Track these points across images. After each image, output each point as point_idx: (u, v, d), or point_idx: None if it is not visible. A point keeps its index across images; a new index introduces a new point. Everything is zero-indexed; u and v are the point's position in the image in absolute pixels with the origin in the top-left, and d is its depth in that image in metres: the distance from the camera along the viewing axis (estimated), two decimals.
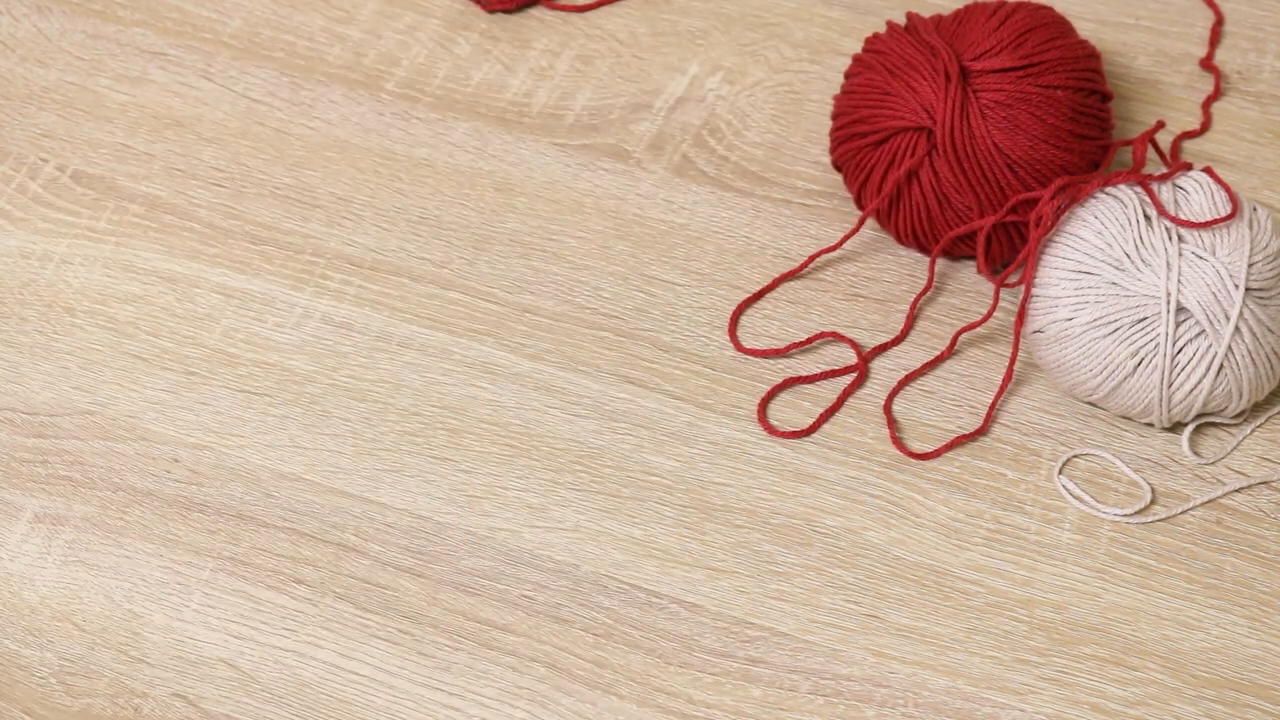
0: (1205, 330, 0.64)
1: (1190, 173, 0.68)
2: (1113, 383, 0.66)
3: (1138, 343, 0.65)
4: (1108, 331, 0.65)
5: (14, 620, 0.67)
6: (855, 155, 0.71)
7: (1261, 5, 0.80)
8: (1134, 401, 0.66)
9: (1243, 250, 0.65)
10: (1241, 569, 0.65)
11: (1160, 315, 0.64)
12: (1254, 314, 0.64)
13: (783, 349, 0.71)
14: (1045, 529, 0.66)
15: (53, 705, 0.66)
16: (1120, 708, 0.62)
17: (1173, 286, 0.64)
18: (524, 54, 0.82)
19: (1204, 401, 0.66)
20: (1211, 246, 0.65)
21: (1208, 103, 0.77)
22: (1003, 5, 0.72)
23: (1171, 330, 0.64)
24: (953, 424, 0.69)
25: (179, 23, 0.84)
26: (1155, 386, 0.65)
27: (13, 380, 0.73)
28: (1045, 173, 0.69)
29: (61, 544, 0.69)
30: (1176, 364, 0.65)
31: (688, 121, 0.78)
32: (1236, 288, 0.64)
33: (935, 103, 0.69)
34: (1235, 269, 0.65)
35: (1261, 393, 0.67)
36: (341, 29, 0.83)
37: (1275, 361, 0.66)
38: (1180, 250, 0.65)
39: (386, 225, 0.76)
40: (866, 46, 0.73)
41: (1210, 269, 0.64)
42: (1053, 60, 0.70)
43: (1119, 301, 0.65)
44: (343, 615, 0.66)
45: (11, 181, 0.79)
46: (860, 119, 0.71)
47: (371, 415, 0.71)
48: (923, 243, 0.72)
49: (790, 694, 0.63)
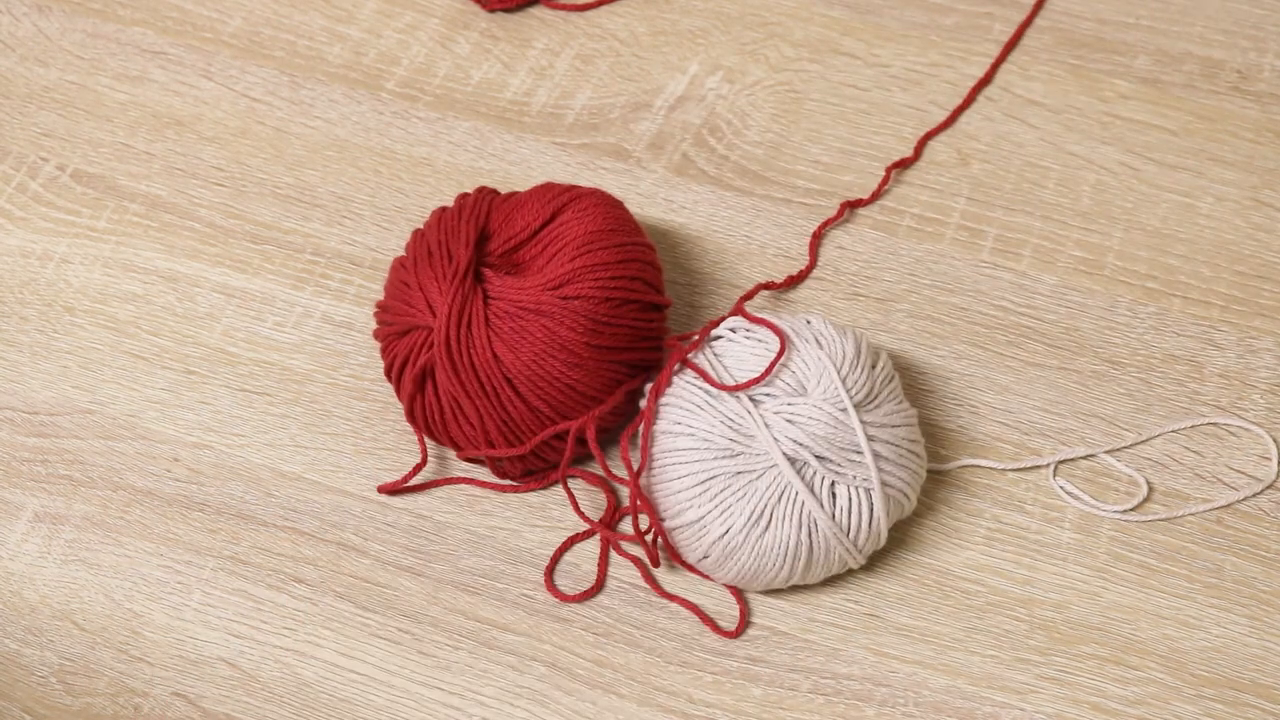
0: (841, 465, 0.61)
1: (723, 325, 0.65)
2: (801, 559, 0.62)
3: (793, 516, 0.61)
4: (764, 524, 0.61)
5: (14, 619, 0.67)
6: (386, 341, 0.67)
7: (1262, 5, 0.80)
8: (826, 564, 0.63)
9: (828, 374, 0.62)
10: (1241, 568, 0.65)
11: (794, 480, 0.61)
12: (875, 425, 0.62)
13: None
14: (1045, 528, 0.66)
15: (53, 704, 0.66)
16: (1120, 707, 0.62)
17: (785, 445, 0.61)
18: (524, 53, 0.82)
19: (887, 519, 0.63)
20: (799, 386, 0.62)
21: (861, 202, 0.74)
22: (560, 195, 0.67)
23: (816, 483, 0.61)
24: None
25: (179, 22, 0.84)
26: (835, 541, 0.62)
27: (13, 380, 0.73)
28: (551, 391, 0.63)
29: (61, 543, 0.69)
30: (840, 509, 0.62)
31: (688, 121, 0.78)
32: (844, 411, 0.61)
33: (438, 303, 0.64)
34: (833, 397, 0.62)
35: (917, 487, 0.64)
36: (341, 28, 0.83)
37: (917, 455, 0.64)
38: (765, 408, 0.62)
39: (386, 225, 0.76)
40: (424, 225, 0.68)
41: (811, 409, 0.61)
42: (584, 267, 0.64)
43: (754, 486, 0.61)
44: (343, 614, 0.66)
45: (11, 181, 0.79)
46: (385, 306, 0.67)
47: (371, 415, 0.71)
48: (444, 444, 0.67)
49: (790, 693, 0.63)
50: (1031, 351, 0.71)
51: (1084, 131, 0.77)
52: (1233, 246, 0.73)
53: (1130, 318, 0.71)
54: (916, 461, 0.63)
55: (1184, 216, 0.74)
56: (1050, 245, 0.74)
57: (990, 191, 0.76)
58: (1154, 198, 0.75)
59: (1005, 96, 0.79)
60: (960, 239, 0.74)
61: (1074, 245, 0.74)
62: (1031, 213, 0.75)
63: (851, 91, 0.79)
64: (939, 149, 0.77)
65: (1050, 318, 0.72)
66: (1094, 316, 0.72)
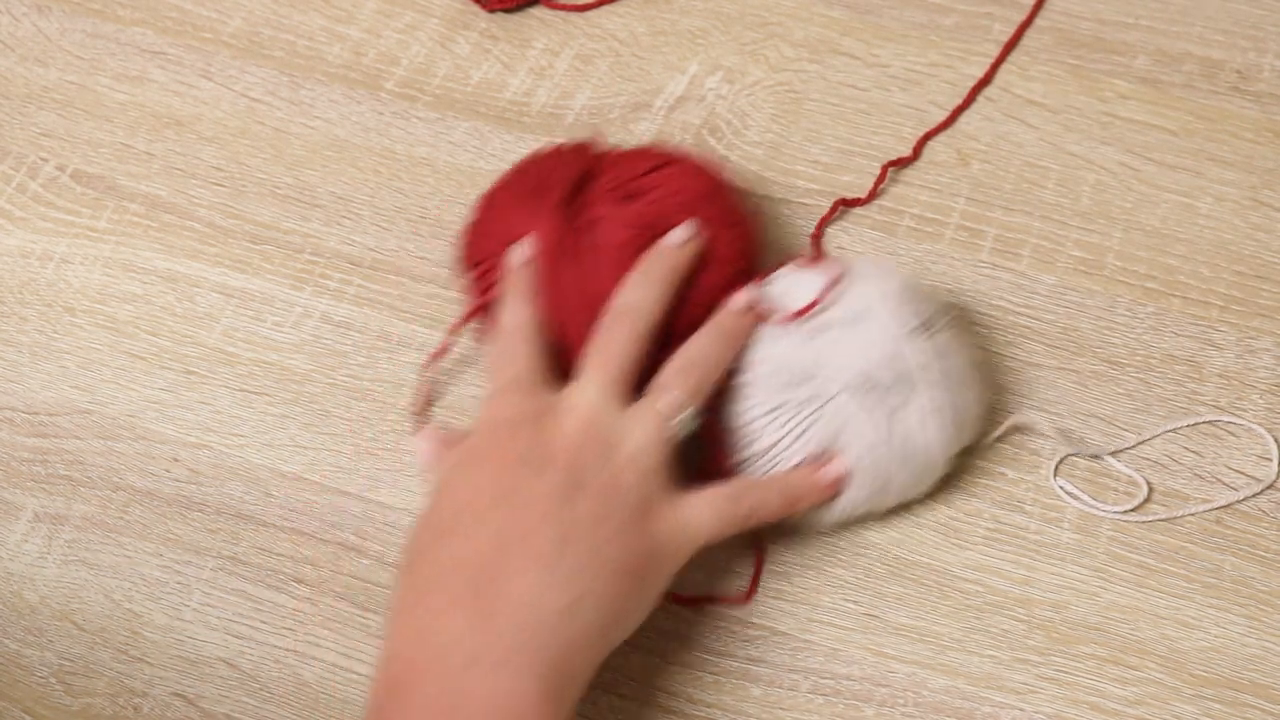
0: (903, 391, 0.62)
1: (779, 273, 0.66)
2: (866, 487, 0.63)
3: (858, 443, 0.62)
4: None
5: (14, 620, 0.67)
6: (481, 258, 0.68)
7: (1262, 5, 0.80)
8: (890, 491, 0.64)
9: (886, 303, 0.63)
10: (1240, 568, 0.65)
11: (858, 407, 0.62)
12: (935, 353, 0.63)
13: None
14: (1044, 528, 0.66)
15: (53, 705, 0.66)
16: (1119, 707, 0.62)
17: (849, 372, 0.62)
18: (524, 53, 0.82)
19: (948, 445, 0.63)
20: (859, 315, 0.63)
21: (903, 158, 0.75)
22: (667, 153, 0.68)
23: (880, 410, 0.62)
24: None
25: (179, 22, 0.84)
26: (899, 467, 0.63)
27: (13, 380, 0.73)
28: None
29: (61, 543, 0.69)
30: (903, 435, 0.62)
31: (688, 121, 0.78)
32: (905, 338, 0.62)
33: (542, 225, 0.65)
34: (892, 324, 0.62)
35: (977, 416, 0.65)
36: (341, 28, 0.83)
37: (977, 383, 0.64)
38: (827, 337, 0.62)
39: (386, 225, 0.76)
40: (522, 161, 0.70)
41: (872, 336, 0.62)
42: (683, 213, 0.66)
43: (821, 414, 0.62)
44: (343, 615, 0.66)
45: (11, 181, 0.79)
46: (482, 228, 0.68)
47: (371, 415, 0.71)
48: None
49: (790, 693, 0.63)
50: (1030, 352, 0.71)
51: (1083, 131, 0.77)
52: (1232, 246, 0.73)
53: (1129, 318, 0.72)
54: (976, 390, 0.64)
55: (1183, 216, 0.74)
56: (1049, 245, 0.74)
57: (989, 191, 0.76)
58: (1153, 198, 0.75)
59: (1005, 96, 0.79)
60: (960, 239, 0.74)
61: (1073, 245, 0.74)
62: (1031, 213, 0.75)
63: (851, 92, 0.79)
64: (938, 149, 0.77)
65: (1049, 318, 0.72)
66: (1093, 316, 0.72)
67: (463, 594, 0.55)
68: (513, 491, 0.57)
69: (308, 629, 0.66)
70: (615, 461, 0.58)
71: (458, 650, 0.54)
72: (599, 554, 0.56)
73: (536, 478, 0.57)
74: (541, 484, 0.57)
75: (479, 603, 0.54)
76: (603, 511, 0.57)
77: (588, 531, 0.56)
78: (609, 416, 0.60)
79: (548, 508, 0.56)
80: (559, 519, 0.56)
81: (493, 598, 0.54)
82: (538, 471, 0.57)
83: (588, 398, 0.60)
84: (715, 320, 0.64)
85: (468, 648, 0.54)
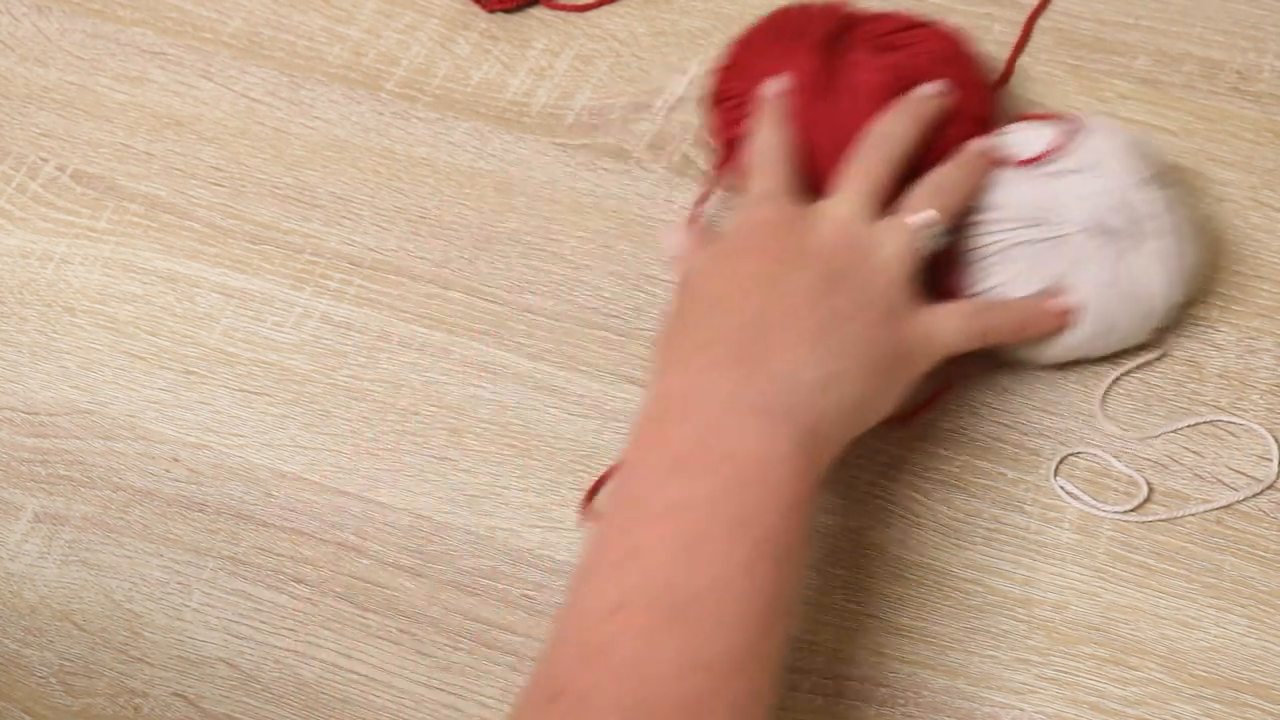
0: (1135, 237, 0.65)
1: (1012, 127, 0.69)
2: (1093, 326, 0.66)
3: (1089, 283, 0.65)
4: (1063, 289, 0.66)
5: (14, 620, 0.67)
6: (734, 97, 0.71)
7: (1262, 5, 0.80)
8: (1116, 334, 0.67)
9: (1119, 153, 0.66)
10: (1241, 568, 0.65)
11: (1092, 248, 0.65)
12: (1165, 202, 0.66)
13: None
14: (1045, 528, 0.66)
15: (53, 705, 0.66)
16: (1119, 707, 0.62)
17: (1083, 215, 0.65)
18: (524, 54, 0.82)
19: (1174, 293, 0.67)
20: (1093, 164, 0.66)
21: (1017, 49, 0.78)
22: (922, 19, 0.72)
23: (1111, 253, 0.65)
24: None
25: (179, 22, 0.84)
26: (1126, 309, 0.66)
27: (13, 380, 0.73)
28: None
29: (61, 544, 0.69)
30: (1133, 278, 0.66)
31: (688, 121, 0.78)
32: (1138, 186, 0.65)
33: (803, 64, 0.69)
34: (1126, 172, 0.66)
35: (1199, 266, 0.68)
36: (341, 28, 0.83)
37: (1201, 236, 0.68)
38: (1063, 183, 0.66)
39: (386, 225, 0.76)
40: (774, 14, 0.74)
41: (1106, 182, 0.65)
42: (936, 67, 0.69)
43: (1054, 254, 0.65)
44: (343, 615, 0.66)
45: (11, 181, 0.79)
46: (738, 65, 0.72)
47: (371, 415, 0.71)
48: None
49: (790, 693, 0.63)
50: None
51: None
52: (1232, 247, 0.73)
53: None
54: (1200, 246, 0.67)
55: None
56: None
57: None
58: None
59: (1005, 97, 0.78)
60: None
61: None
62: None
63: None
64: None
65: None
66: None
67: (727, 358, 0.58)
68: (775, 280, 0.60)
69: (308, 629, 0.66)
70: (869, 266, 0.62)
71: (720, 395, 0.57)
72: (853, 343, 0.60)
73: (797, 271, 0.61)
74: (802, 277, 0.60)
75: (742, 367, 0.58)
76: (857, 308, 0.60)
77: (844, 322, 0.60)
78: (863, 226, 0.63)
79: (808, 297, 0.60)
80: (818, 307, 0.60)
81: (755, 364, 0.58)
82: (798, 266, 0.61)
83: (843, 208, 0.64)
84: (958, 156, 0.67)
85: (730, 394, 0.57)
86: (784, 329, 0.59)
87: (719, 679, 0.51)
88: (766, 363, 0.58)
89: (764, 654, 0.53)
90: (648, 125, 0.78)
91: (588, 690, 0.51)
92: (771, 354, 0.58)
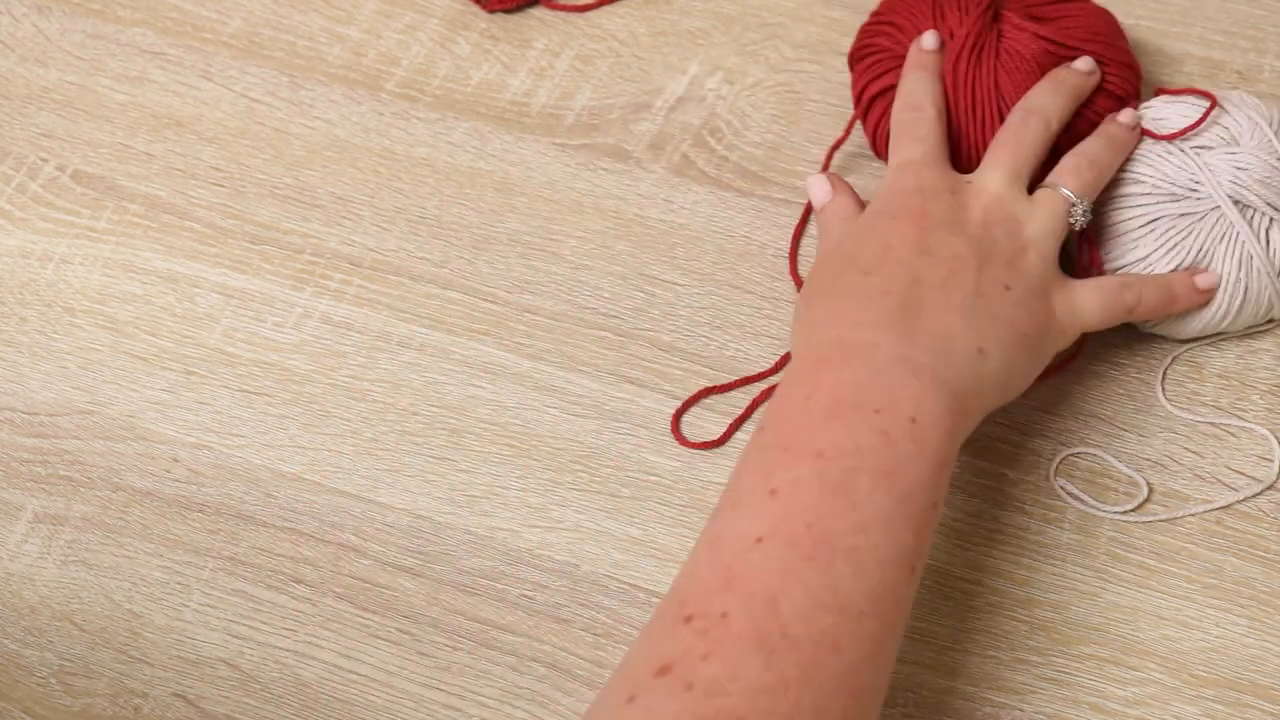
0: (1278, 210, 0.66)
1: (1150, 103, 0.70)
2: (1237, 298, 0.67)
3: (1233, 255, 0.66)
4: (1206, 263, 0.67)
5: (14, 620, 0.67)
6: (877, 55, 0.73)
7: (1262, 5, 0.80)
8: (1257, 307, 0.68)
9: (1260, 128, 0.67)
10: (1241, 569, 0.65)
11: (1237, 221, 0.66)
12: None
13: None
14: (1045, 529, 0.66)
15: (53, 705, 0.66)
16: (1120, 707, 0.62)
17: (1227, 188, 0.66)
18: (524, 54, 0.82)
19: None
20: (1234, 138, 0.67)
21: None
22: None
23: (1255, 226, 0.67)
24: None
25: (179, 23, 0.84)
26: (1269, 281, 0.67)
27: (13, 380, 0.73)
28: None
29: (61, 544, 0.69)
30: (1276, 251, 0.67)
31: (688, 121, 0.78)
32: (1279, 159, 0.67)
33: (957, 26, 0.71)
34: (1267, 146, 0.67)
35: None
36: (341, 29, 0.83)
37: None
38: (1205, 158, 0.67)
39: (386, 225, 0.76)
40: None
41: (1248, 156, 0.66)
42: (1087, 43, 0.71)
43: (1198, 227, 0.66)
44: (343, 615, 0.66)
45: (11, 181, 0.79)
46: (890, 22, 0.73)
47: (371, 415, 0.71)
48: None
49: None
50: None
51: None
52: None
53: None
54: None
55: None
56: None
57: None
58: None
59: None
60: None
61: None
62: None
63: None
64: None
65: None
66: None
67: (885, 318, 0.59)
68: (932, 247, 0.62)
69: (308, 629, 0.66)
70: (1020, 240, 0.63)
71: (881, 352, 0.58)
72: (1005, 314, 0.61)
73: (952, 238, 0.62)
74: (957, 245, 0.62)
75: (902, 327, 0.59)
76: (1009, 281, 0.62)
77: (997, 294, 0.61)
78: (1013, 201, 0.65)
79: (964, 266, 0.61)
80: (970, 279, 0.61)
81: (915, 325, 0.59)
82: (953, 235, 0.62)
83: (994, 182, 0.65)
84: (1104, 129, 0.68)
85: (890, 352, 0.58)
86: (938, 298, 0.60)
87: (852, 620, 0.53)
88: (928, 326, 0.59)
89: (895, 601, 0.54)
90: (648, 125, 0.78)
91: (722, 615, 0.52)
92: (932, 317, 0.59)
